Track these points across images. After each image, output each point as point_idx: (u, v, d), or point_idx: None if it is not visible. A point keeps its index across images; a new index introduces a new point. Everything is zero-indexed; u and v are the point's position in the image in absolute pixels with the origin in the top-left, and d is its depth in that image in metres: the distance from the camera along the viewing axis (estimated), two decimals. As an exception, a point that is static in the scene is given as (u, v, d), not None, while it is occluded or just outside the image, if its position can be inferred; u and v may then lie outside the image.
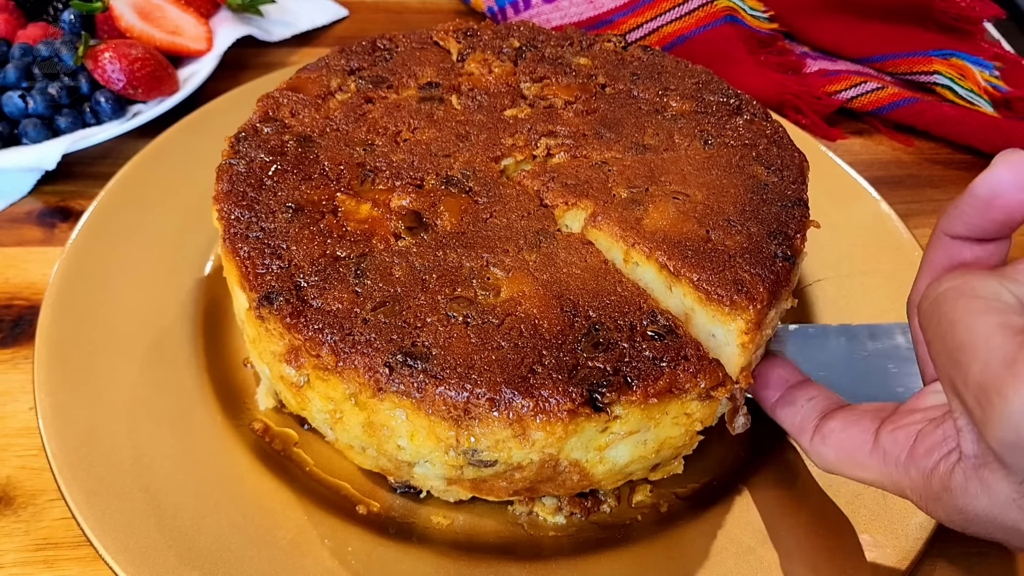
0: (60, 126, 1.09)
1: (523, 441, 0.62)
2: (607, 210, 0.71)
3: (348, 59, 0.91)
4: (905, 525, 0.70)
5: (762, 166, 0.78)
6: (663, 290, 0.68)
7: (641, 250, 0.68)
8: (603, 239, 0.71)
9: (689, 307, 0.67)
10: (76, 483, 0.69)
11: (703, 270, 0.66)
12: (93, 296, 0.84)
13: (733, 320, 0.65)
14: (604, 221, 0.70)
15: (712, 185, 0.75)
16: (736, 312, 0.64)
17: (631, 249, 0.69)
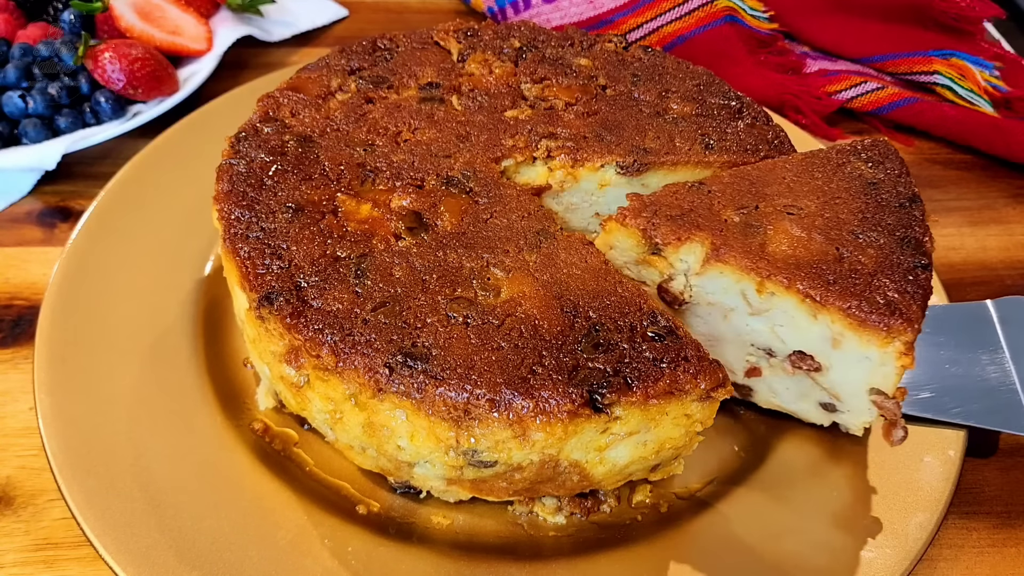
0: (60, 126, 1.09)
1: (523, 442, 0.62)
2: (727, 240, 0.67)
3: (348, 59, 0.90)
4: (906, 524, 0.70)
5: (862, 162, 0.76)
6: (804, 319, 0.66)
7: (778, 281, 0.65)
8: (729, 272, 0.67)
9: (838, 333, 0.65)
10: (76, 483, 0.69)
11: (850, 296, 0.63)
12: (93, 296, 0.84)
13: (890, 343, 0.63)
14: (728, 253, 0.66)
15: (820, 191, 0.72)
16: (893, 335, 0.63)
17: (766, 281, 0.65)
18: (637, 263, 0.73)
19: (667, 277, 0.72)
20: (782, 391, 0.75)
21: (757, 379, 0.75)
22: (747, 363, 0.74)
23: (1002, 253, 1.06)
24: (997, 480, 0.80)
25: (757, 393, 0.77)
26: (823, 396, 0.73)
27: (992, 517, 0.77)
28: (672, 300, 0.72)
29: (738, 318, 0.70)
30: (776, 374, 0.73)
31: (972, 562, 0.74)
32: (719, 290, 0.69)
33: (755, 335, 0.71)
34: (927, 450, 0.75)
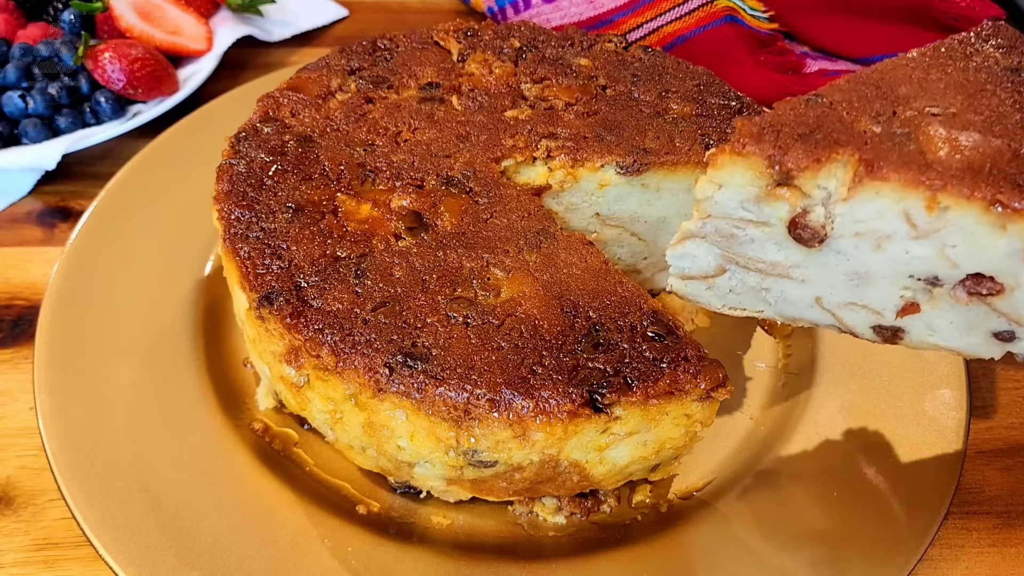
0: (60, 126, 1.09)
1: (523, 442, 0.62)
2: (879, 153, 0.56)
3: (348, 59, 0.90)
4: (908, 525, 0.70)
5: (992, 48, 0.67)
6: (987, 234, 0.55)
7: (956, 191, 0.53)
8: (889, 191, 0.55)
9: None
10: (76, 483, 0.69)
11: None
12: (93, 296, 0.84)
13: None
14: (886, 168, 0.55)
15: (959, 86, 0.63)
16: None
17: (939, 194, 0.54)
18: (758, 201, 0.60)
19: (800, 211, 0.59)
20: (943, 327, 0.64)
21: (913, 317, 0.63)
22: (901, 299, 0.62)
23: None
24: (997, 480, 0.80)
25: (909, 334, 0.66)
26: (999, 324, 0.61)
27: (992, 517, 0.77)
28: (810, 237, 0.60)
29: (896, 246, 0.59)
30: (939, 307, 0.62)
31: (972, 562, 0.74)
32: (873, 215, 0.57)
33: (916, 263, 0.59)
34: (927, 450, 0.75)
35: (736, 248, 0.64)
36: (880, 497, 0.72)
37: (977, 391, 0.89)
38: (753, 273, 0.65)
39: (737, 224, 0.62)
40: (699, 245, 0.65)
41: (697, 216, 0.63)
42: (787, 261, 0.62)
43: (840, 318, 0.65)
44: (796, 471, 0.75)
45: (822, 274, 0.62)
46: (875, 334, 0.65)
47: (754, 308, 0.68)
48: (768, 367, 0.87)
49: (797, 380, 0.85)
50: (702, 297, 0.69)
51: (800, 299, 0.65)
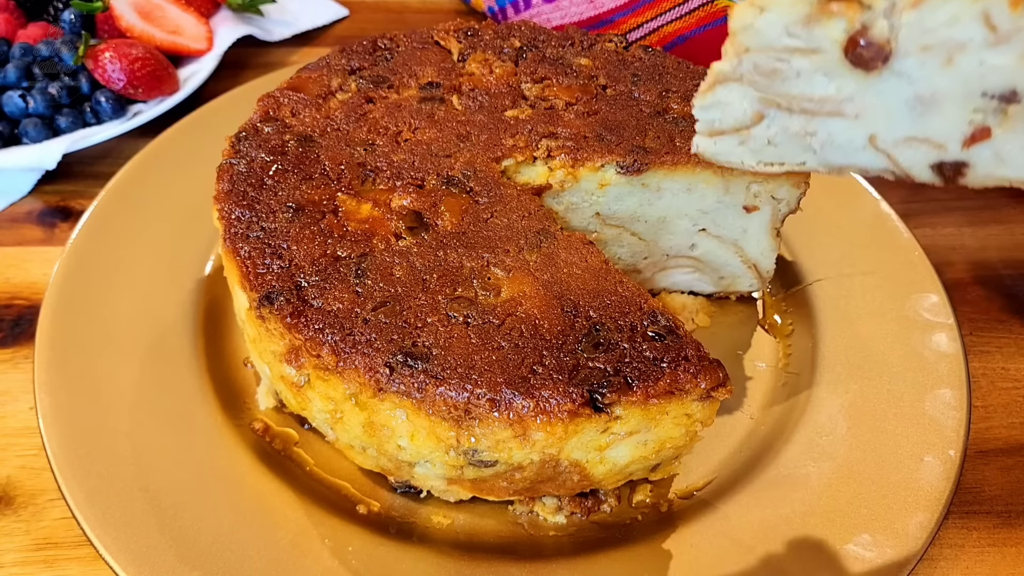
0: (60, 126, 1.09)
1: (524, 441, 0.62)
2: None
3: (349, 59, 0.91)
4: (906, 524, 0.70)
5: None
6: None
7: None
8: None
9: None
10: (76, 483, 0.69)
11: None
12: (93, 296, 0.84)
13: None
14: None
15: None
16: None
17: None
18: (808, 22, 0.52)
19: (859, 27, 0.52)
20: (1015, 154, 0.56)
21: (981, 146, 0.56)
22: (970, 125, 0.55)
23: (1002, 253, 1.06)
24: (997, 480, 0.80)
25: (974, 168, 0.58)
26: None
27: (992, 517, 0.77)
28: (872, 57, 0.52)
29: (970, 58, 0.51)
30: (1014, 128, 0.55)
31: (972, 562, 0.74)
32: (945, 21, 0.50)
33: (993, 76, 0.52)
34: (927, 450, 0.75)
35: (778, 87, 0.55)
36: (880, 497, 0.72)
37: (977, 391, 0.89)
38: (797, 116, 0.57)
39: (781, 56, 0.54)
40: (733, 89, 0.57)
41: (732, 52, 0.55)
42: (839, 94, 0.55)
43: (895, 158, 0.57)
44: (796, 471, 0.75)
45: (880, 105, 0.55)
46: (935, 174, 0.58)
47: (796, 160, 0.60)
48: (768, 367, 0.87)
49: (797, 380, 0.85)
50: (733, 155, 0.61)
51: (851, 140, 0.57)
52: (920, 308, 0.88)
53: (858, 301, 0.91)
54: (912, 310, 0.88)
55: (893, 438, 0.77)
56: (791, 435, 0.79)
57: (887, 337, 0.86)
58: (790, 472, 0.75)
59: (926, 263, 0.93)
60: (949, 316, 0.87)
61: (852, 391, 0.82)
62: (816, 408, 0.81)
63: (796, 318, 0.91)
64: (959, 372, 0.81)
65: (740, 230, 0.87)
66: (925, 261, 0.93)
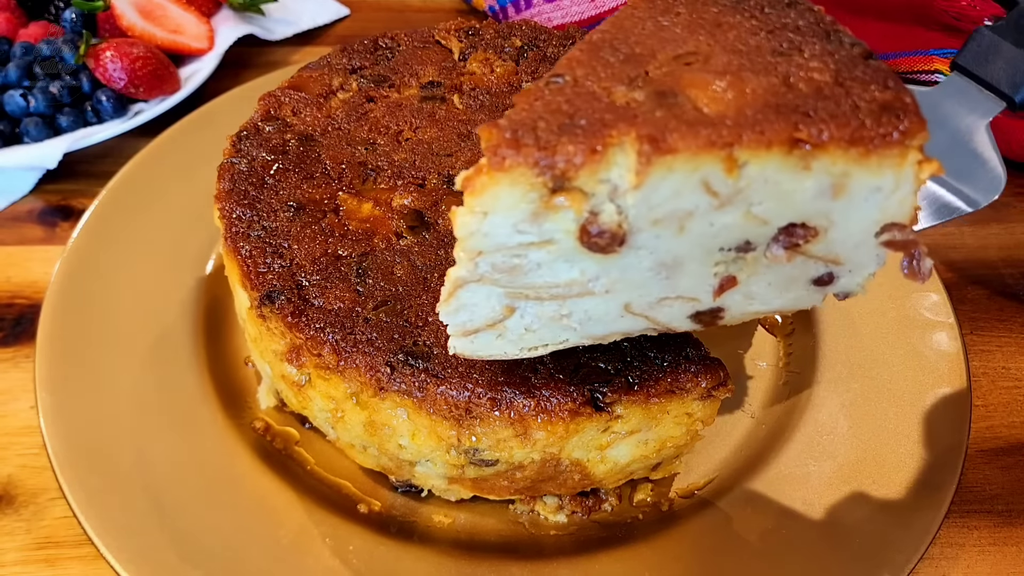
0: (61, 125, 1.09)
1: (524, 440, 0.62)
2: (658, 123, 0.48)
3: (350, 58, 0.91)
4: (906, 523, 0.70)
5: None
6: (791, 178, 0.50)
7: (753, 140, 0.48)
8: (683, 162, 0.48)
9: (841, 174, 0.50)
10: (77, 482, 0.69)
11: (842, 118, 0.49)
12: (94, 295, 0.85)
13: (907, 153, 0.50)
14: (673, 137, 0.48)
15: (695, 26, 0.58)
16: (908, 141, 0.49)
17: (736, 148, 0.48)
18: (535, 218, 0.50)
19: (588, 215, 0.50)
20: (762, 291, 0.59)
21: (731, 292, 0.58)
22: (716, 277, 0.57)
23: (1002, 252, 1.06)
24: (998, 478, 0.80)
25: (729, 311, 0.60)
26: (816, 270, 0.58)
27: (993, 516, 0.77)
28: (608, 243, 0.51)
29: (699, 222, 0.52)
30: (756, 272, 0.57)
31: (973, 560, 0.74)
32: (669, 195, 0.50)
33: (725, 234, 0.53)
34: (928, 448, 0.75)
35: (522, 280, 0.54)
36: (881, 496, 0.72)
37: (977, 389, 0.89)
38: (548, 302, 0.55)
39: (516, 252, 0.52)
40: (476, 291, 0.54)
41: (466, 258, 0.52)
42: (584, 276, 0.54)
43: (654, 318, 0.58)
44: (797, 470, 0.75)
45: (626, 278, 0.55)
46: (694, 322, 0.60)
47: (558, 340, 0.58)
48: (769, 366, 0.87)
49: (798, 379, 0.85)
50: (494, 348, 0.58)
51: (607, 313, 0.57)
52: (921, 307, 0.88)
53: (859, 300, 0.91)
54: (913, 309, 0.88)
55: (894, 437, 0.77)
56: (792, 434, 0.78)
57: (888, 336, 0.86)
58: (791, 471, 0.75)
59: (927, 262, 0.93)
60: (949, 315, 0.87)
61: (853, 390, 0.82)
62: (817, 407, 0.81)
63: (797, 317, 0.91)
64: (960, 371, 0.81)
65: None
66: (926, 260, 0.93)
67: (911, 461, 0.75)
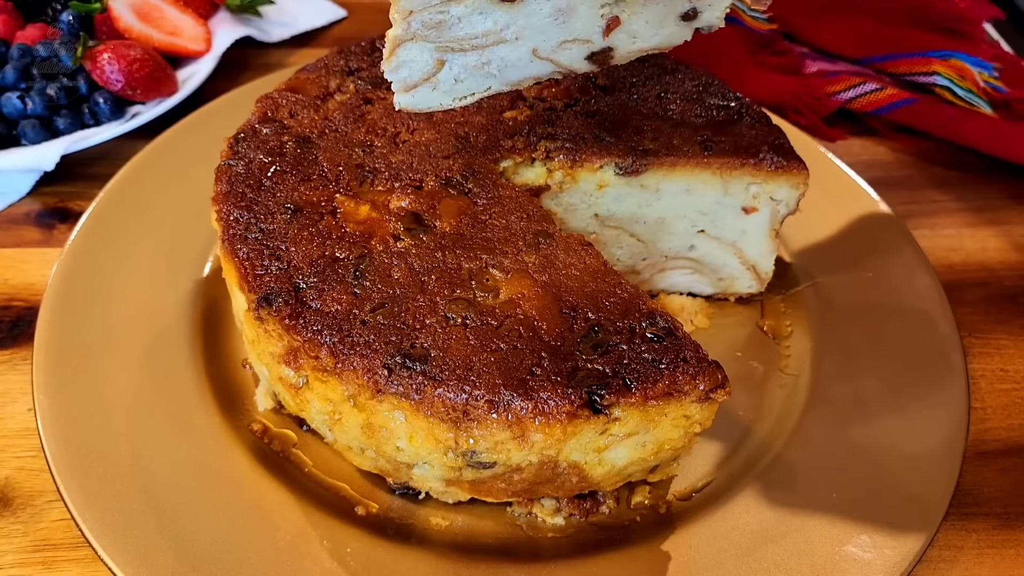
0: (59, 127, 1.09)
1: (522, 443, 0.62)
2: None
3: (347, 60, 0.90)
4: (904, 526, 0.70)
5: None
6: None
7: None
8: None
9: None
10: (75, 484, 0.68)
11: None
12: (92, 297, 0.84)
13: None
14: None
15: None
16: None
17: None
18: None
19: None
20: (642, 29, 0.69)
21: (616, 32, 0.69)
22: (602, 18, 0.68)
23: (1002, 254, 1.06)
24: (996, 481, 0.80)
25: (617, 50, 0.71)
26: (683, 6, 0.68)
27: (991, 518, 0.77)
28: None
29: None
30: (635, 13, 0.68)
31: (971, 563, 0.74)
32: None
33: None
34: (926, 451, 0.75)
35: (447, 34, 0.65)
36: (879, 498, 0.72)
37: (976, 392, 0.89)
38: (471, 53, 0.67)
39: (439, 9, 0.63)
40: (411, 48, 0.66)
41: (399, 18, 0.63)
42: (497, 25, 0.65)
43: (558, 61, 0.69)
44: (795, 472, 0.75)
45: (531, 24, 0.66)
46: (591, 63, 0.70)
47: (482, 88, 0.70)
48: (767, 368, 0.87)
49: (796, 381, 0.85)
50: (432, 100, 0.70)
51: (519, 58, 0.68)
52: (919, 309, 0.88)
53: (857, 302, 0.91)
54: (911, 310, 0.88)
55: (891, 439, 0.77)
56: (790, 437, 0.78)
57: (886, 339, 0.86)
58: (788, 474, 0.75)
59: (926, 264, 0.93)
60: (948, 317, 0.87)
61: (850, 393, 0.82)
62: (814, 409, 0.81)
63: (795, 319, 0.91)
64: (959, 372, 0.81)
65: (739, 231, 0.87)
66: (925, 262, 0.93)
67: (909, 463, 0.75)
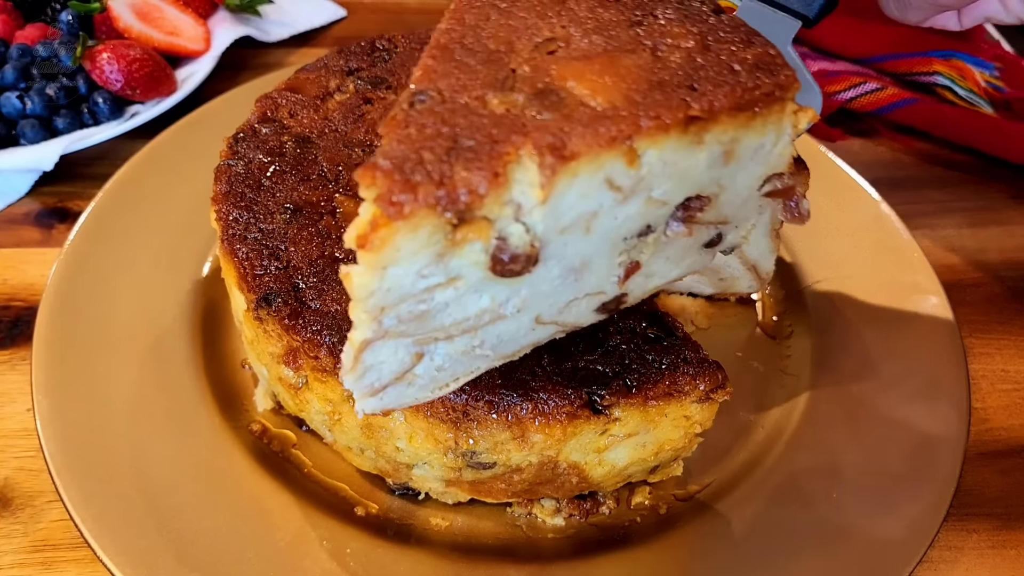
0: (58, 127, 1.09)
1: (522, 443, 0.62)
2: (550, 128, 0.45)
3: (347, 60, 0.90)
4: (905, 527, 0.70)
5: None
6: (686, 155, 0.49)
7: (651, 126, 0.46)
8: (587, 164, 0.45)
9: (730, 141, 0.50)
10: (74, 484, 0.68)
11: (725, 86, 0.48)
12: (91, 297, 0.84)
13: (785, 106, 0.51)
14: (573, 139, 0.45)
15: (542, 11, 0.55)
16: (784, 91, 0.50)
17: (637, 138, 0.46)
18: (440, 259, 0.45)
19: (496, 243, 0.46)
20: (661, 267, 0.58)
21: (634, 277, 0.56)
22: (621, 267, 0.55)
23: (1002, 254, 1.06)
24: (998, 482, 0.80)
25: (631, 294, 0.59)
26: (708, 234, 0.58)
27: (993, 519, 0.77)
28: (522, 267, 0.47)
29: (605, 219, 0.50)
30: (656, 252, 0.56)
31: (972, 564, 0.74)
32: (576, 200, 0.47)
33: (628, 224, 0.51)
34: (926, 452, 0.75)
35: (431, 324, 0.49)
36: (879, 498, 0.72)
37: (977, 392, 0.88)
38: (460, 338, 0.52)
39: (422, 298, 0.47)
40: (381, 348, 0.50)
41: (367, 319, 0.47)
42: (495, 302, 0.50)
43: (563, 322, 0.56)
44: (795, 473, 0.75)
45: (536, 292, 0.51)
46: (600, 313, 0.57)
47: (470, 369, 0.56)
48: (767, 368, 0.87)
49: (796, 382, 0.85)
50: (405, 398, 0.55)
51: (518, 330, 0.54)
52: (920, 309, 0.88)
53: (858, 303, 0.91)
54: (911, 311, 0.88)
55: (892, 440, 0.77)
56: (790, 437, 0.78)
57: (887, 339, 0.86)
58: (789, 475, 0.75)
59: (926, 264, 0.93)
60: (949, 317, 0.87)
61: (851, 393, 0.82)
62: (815, 410, 0.81)
63: (795, 320, 0.91)
64: (959, 373, 0.81)
65: (739, 231, 0.87)
66: (925, 262, 0.93)
67: (910, 464, 0.75)
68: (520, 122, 0.45)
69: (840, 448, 0.77)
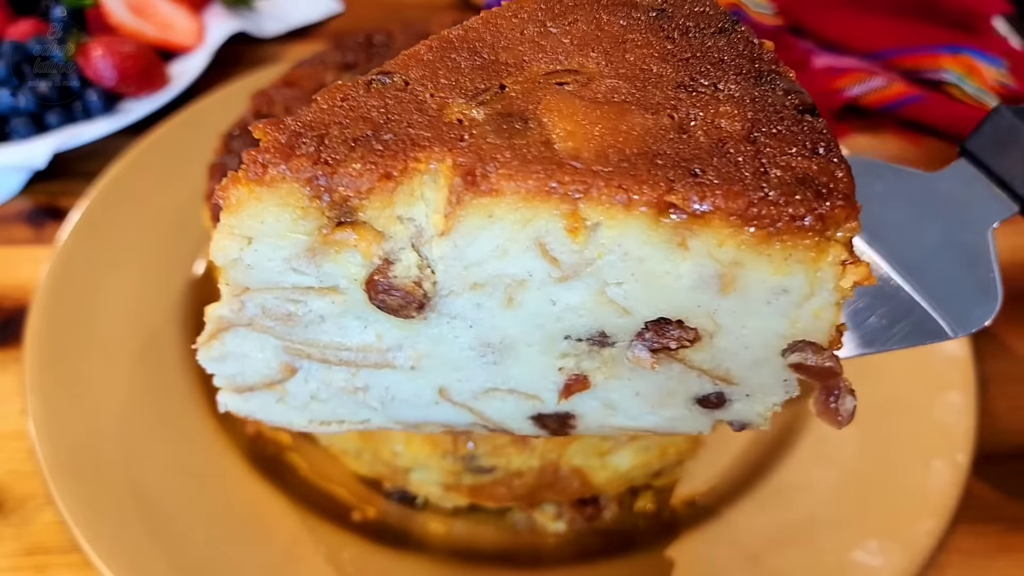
0: (50, 123, 1.07)
1: (522, 447, 0.61)
2: (483, 151, 0.37)
3: (343, 54, 0.89)
4: (913, 531, 0.69)
5: None
6: (663, 256, 0.38)
7: (608, 196, 0.36)
8: (509, 208, 0.36)
9: (731, 262, 0.38)
10: (67, 487, 0.67)
11: (739, 185, 0.36)
12: (83, 297, 0.83)
13: (827, 249, 0.37)
14: (499, 172, 0.36)
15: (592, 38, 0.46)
16: (830, 232, 0.36)
17: (585, 201, 0.36)
18: (312, 253, 0.39)
19: (379, 262, 0.39)
20: (626, 402, 0.47)
21: (583, 396, 0.46)
22: (561, 373, 0.45)
23: (1012, 254, 1.05)
24: (1006, 485, 0.79)
25: (583, 419, 0.49)
26: (700, 386, 0.46)
27: (1001, 522, 0.76)
28: (401, 304, 0.40)
29: (535, 296, 0.41)
30: (616, 375, 0.45)
31: (981, 568, 0.73)
32: (491, 252, 0.38)
33: (570, 318, 0.42)
34: (935, 454, 0.74)
35: (301, 333, 0.43)
36: (887, 502, 0.71)
37: (985, 395, 0.87)
38: (337, 368, 0.45)
39: (292, 297, 0.41)
40: (245, 337, 0.44)
41: (229, 293, 0.42)
42: (381, 342, 0.43)
43: (481, 412, 0.47)
44: (800, 477, 0.74)
45: (439, 353, 0.43)
46: (537, 426, 0.48)
47: (356, 418, 0.48)
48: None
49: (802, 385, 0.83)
50: (275, 414, 0.49)
51: (416, 395, 0.46)
52: (927, 308, 0.87)
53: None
54: (919, 311, 0.87)
55: (900, 443, 0.76)
56: (796, 440, 0.77)
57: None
58: (795, 478, 0.74)
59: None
60: (956, 317, 0.85)
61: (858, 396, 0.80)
62: (821, 411, 0.79)
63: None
64: (967, 376, 0.80)
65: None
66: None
67: (917, 467, 0.73)
68: (460, 136, 0.38)
69: (846, 452, 0.76)
